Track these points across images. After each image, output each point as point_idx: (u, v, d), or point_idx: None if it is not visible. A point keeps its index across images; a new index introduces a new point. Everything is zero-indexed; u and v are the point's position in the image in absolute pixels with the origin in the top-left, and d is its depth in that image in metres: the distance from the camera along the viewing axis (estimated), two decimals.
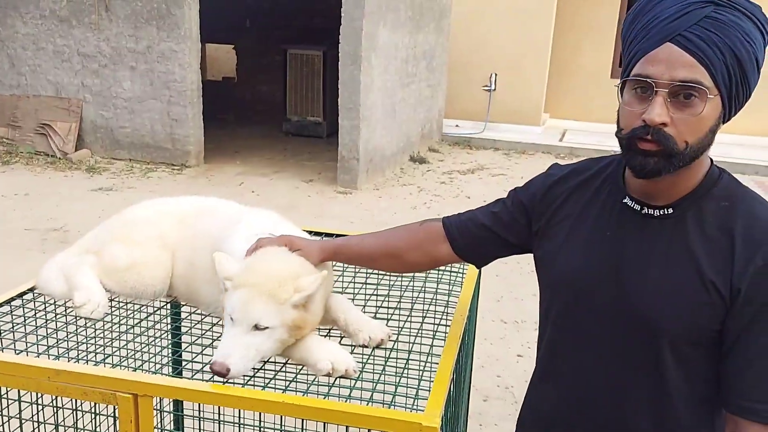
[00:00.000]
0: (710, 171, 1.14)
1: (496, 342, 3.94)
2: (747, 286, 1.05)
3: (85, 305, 1.46)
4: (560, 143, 10.35)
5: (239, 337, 1.24)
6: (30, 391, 1.46)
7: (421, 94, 9.47)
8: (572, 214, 1.24)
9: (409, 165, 8.91)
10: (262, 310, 1.24)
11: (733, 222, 1.08)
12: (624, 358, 1.16)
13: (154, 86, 7.86)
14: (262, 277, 1.27)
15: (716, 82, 1.02)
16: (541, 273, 1.31)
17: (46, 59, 8.15)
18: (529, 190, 1.34)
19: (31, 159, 7.88)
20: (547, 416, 1.30)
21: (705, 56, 1.01)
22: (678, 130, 1.04)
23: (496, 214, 1.35)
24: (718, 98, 1.04)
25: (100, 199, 6.52)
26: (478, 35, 11.17)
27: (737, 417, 1.10)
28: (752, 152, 10.00)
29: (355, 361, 1.30)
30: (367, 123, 7.46)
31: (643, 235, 1.14)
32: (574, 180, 1.27)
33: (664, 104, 1.04)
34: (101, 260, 1.59)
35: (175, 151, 7.95)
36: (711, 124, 1.05)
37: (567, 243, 1.23)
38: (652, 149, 1.05)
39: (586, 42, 11.63)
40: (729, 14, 1.01)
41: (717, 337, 1.10)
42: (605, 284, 1.16)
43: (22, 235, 5.41)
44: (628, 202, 1.17)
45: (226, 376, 1.20)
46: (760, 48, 1.04)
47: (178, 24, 7.61)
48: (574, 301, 1.20)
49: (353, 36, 7.09)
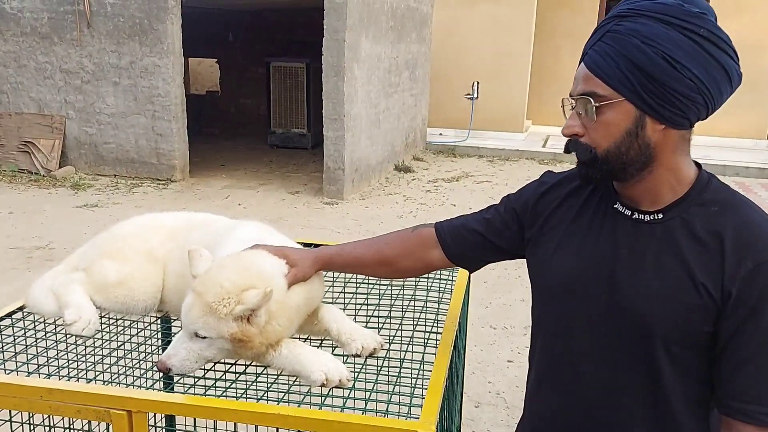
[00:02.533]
0: (699, 176, 1.16)
1: (486, 348, 3.96)
2: (738, 289, 1.07)
3: (76, 323, 1.45)
4: (543, 149, 10.44)
5: (183, 340, 1.29)
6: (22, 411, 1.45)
7: (405, 103, 9.52)
8: (565, 220, 1.26)
9: (395, 174, 8.94)
10: (201, 321, 1.26)
11: (723, 226, 1.11)
12: (619, 361, 1.17)
13: (138, 101, 7.84)
14: (208, 286, 1.26)
15: (615, 88, 1.08)
16: (536, 279, 1.31)
17: (28, 76, 8.10)
18: (521, 197, 1.36)
19: (15, 177, 7.81)
20: (548, 420, 1.31)
21: (598, 68, 1.10)
22: (591, 137, 1.13)
23: (489, 220, 1.38)
24: (625, 102, 1.09)
25: (85, 215, 6.48)
26: (460, 44, 11.27)
27: (730, 419, 1.11)
28: (732, 154, 10.16)
29: (349, 370, 1.31)
30: (352, 133, 7.49)
31: (635, 240, 1.16)
32: (567, 187, 1.29)
33: (575, 117, 1.15)
34: (90, 277, 1.58)
35: (160, 166, 7.92)
36: (624, 127, 1.10)
37: (561, 248, 1.24)
38: (578, 159, 1.17)
39: (566, 49, 11.77)
40: (629, 23, 1.08)
41: (709, 339, 1.12)
42: (599, 288, 1.18)
43: (6, 253, 5.36)
44: (619, 208, 1.20)
45: (169, 373, 1.30)
46: (676, 43, 1.05)
47: (161, 39, 7.60)
48: (570, 305, 1.22)
49: (336, 47, 7.12)
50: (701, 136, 11.01)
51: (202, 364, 1.31)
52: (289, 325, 1.36)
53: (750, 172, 9.49)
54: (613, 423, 1.20)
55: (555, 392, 1.28)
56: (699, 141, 11.09)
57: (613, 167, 1.13)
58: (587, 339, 1.20)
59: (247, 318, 1.25)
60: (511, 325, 4.24)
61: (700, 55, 1.06)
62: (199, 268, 1.32)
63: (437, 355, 1.38)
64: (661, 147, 1.11)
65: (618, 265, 1.16)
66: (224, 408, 1.15)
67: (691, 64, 1.05)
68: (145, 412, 1.16)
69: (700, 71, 1.06)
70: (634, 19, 1.08)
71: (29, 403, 1.20)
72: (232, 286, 1.26)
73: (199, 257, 1.33)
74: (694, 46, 1.05)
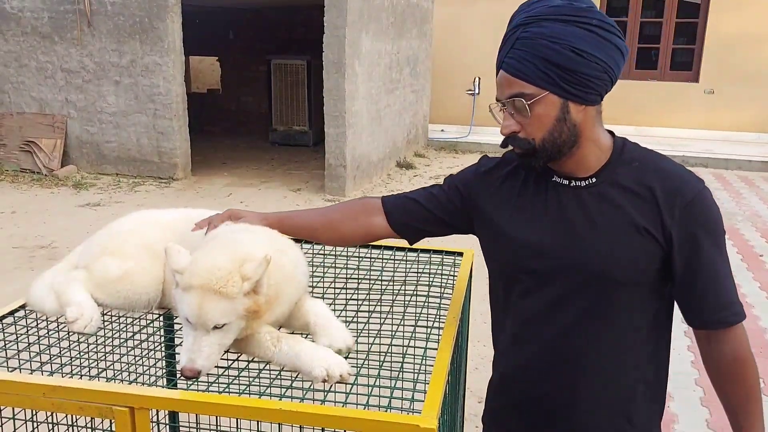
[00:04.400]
0: (615, 142, 1.36)
1: (489, 344, 3.94)
2: (677, 228, 1.28)
3: (78, 320, 1.44)
4: None
5: (201, 338, 1.26)
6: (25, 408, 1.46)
7: (406, 99, 9.51)
8: (510, 198, 1.41)
9: (396, 171, 8.94)
10: (217, 310, 1.25)
11: (649, 179, 1.31)
12: (581, 307, 1.34)
13: (139, 100, 7.84)
14: (208, 275, 1.26)
15: (538, 85, 1.25)
16: (495, 251, 1.45)
17: (29, 76, 8.11)
18: (463, 175, 1.51)
19: (17, 177, 7.83)
20: (513, 376, 1.47)
21: (519, 71, 1.26)
22: (527, 131, 1.29)
23: (432, 194, 1.51)
24: (550, 95, 1.25)
25: (87, 214, 6.48)
26: (461, 40, 11.25)
27: (710, 330, 1.32)
28: (735, 148, 10.13)
29: (350, 365, 1.31)
30: (353, 130, 7.49)
31: (578, 203, 1.34)
32: (504, 169, 1.45)
33: (509, 117, 1.31)
34: (91, 274, 1.58)
35: (162, 165, 7.93)
36: (553, 115, 1.27)
37: (514, 221, 1.39)
38: (518, 152, 1.33)
39: None
40: (534, 28, 1.25)
41: (657, 276, 1.32)
42: (557, 248, 1.34)
43: (9, 253, 5.37)
44: (557, 179, 1.37)
45: (199, 376, 1.26)
46: (577, 36, 1.23)
47: (161, 37, 7.60)
48: (537, 269, 1.36)
49: (336, 44, 7.12)
50: (704, 130, 10.99)
51: (222, 354, 1.31)
52: (281, 288, 1.37)
53: (753, 166, 9.46)
54: (580, 356, 1.37)
55: (528, 343, 1.42)
56: (702, 135, 11.09)
57: (550, 151, 1.30)
58: (556, 294, 1.36)
59: (253, 290, 1.28)
60: None
61: (597, 41, 1.25)
62: (179, 262, 1.30)
63: (439, 350, 1.38)
64: (584, 124, 1.30)
65: (569, 226, 1.33)
66: (227, 404, 1.15)
67: (593, 50, 1.24)
68: (148, 408, 1.16)
69: (601, 54, 1.25)
70: (536, 24, 1.26)
71: (32, 400, 1.20)
72: (229, 264, 1.27)
73: (177, 253, 1.32)
74: (591, 35, 1.24)
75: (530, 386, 1.45)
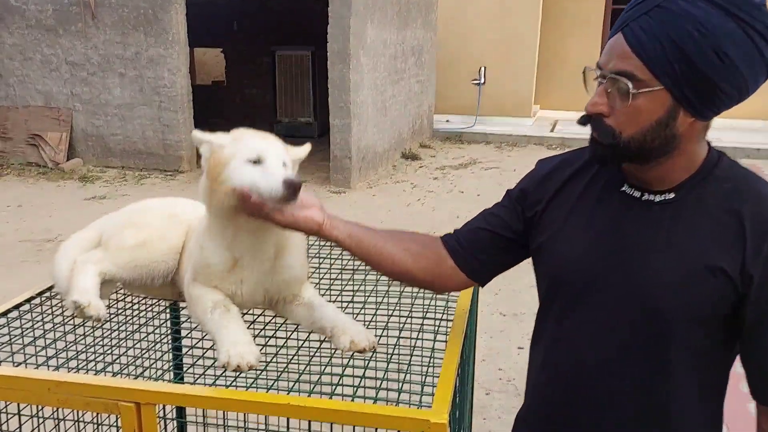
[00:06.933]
0: (709, 154, 1.11)
1: (496, 335, 3.94)
2: (762, 269, 1.02)
3: (79, 308, 1.41)
4: (551, 134, 10.37)
5: (281, 167, 1.21)
6: (30, 404, 1.45)
7: (411, 90, 9.46)
8: (568, 204, 1.20)
9: (402, 162, 8.90)
10: (286, 153, 1.27)
11: (740, 204, 1.05)
12: (628, 348, 1.12)
13: (144, 92, 7.83)
14: (267, 134, 1.30)
15: (655, 74, 0.99)
16: (541, 264, 1.25)
17: (34, 69, 8.10)
18: (520, 185, 1.31)
19: (23, 170, 7.84)
20: (549, 400, 1.26)
21: (641, 47, 0.99)
22: (617, 120, 1.04)
23: (491, 213, 1.31)
24: (663, 92, 1.00)
25: (93, 207, 6.49)
26: (466, 29, 11.18)
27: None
28: (744, 136, 10.04)
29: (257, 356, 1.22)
30: (359, 121, 7.45)
31: (645, 222, 1.10)
32: (566, 170, 1.23)
33: (603, 94, 1.05)
34: (108, 249, 1.54)
35: (167, 157, 7.92)
36: (656, 117, 1.02)
37: (566, 233, 1.18)
38: (595, 138, 1.09)
39: (573, 32, 11.66)
40: (685, 3, 0.97)
41: (723, 323, 1.07)
42: (609, 272, 1.12)
43: (16, 247, 5.38)
44: (627, 190, 1.14)
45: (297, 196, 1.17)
46: (729, 36, 0.96)
47: (166, 29, 7.57)
48: (579, 290, 1.16)
49: (341, 35, 7.07)
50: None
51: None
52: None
53: (761, 154, 9.39)
54: (611, 400, 1.15)
55: (559, 376, 1.22)
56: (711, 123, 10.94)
57: (633, 154, 1.06)
58: (596, 325, 1.14)
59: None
60: (521, 312, 4.22)
61: (750, 51, 0.98)
62: (214, 135, 1.29)
63: (448, 343, 1.36)
64: (686, 137, 1.05)
65: (628, 248, 1.11)
66: (234, 399, 1.14)
67: (739, 61, 0.98)
68: (154, 403, 1.15)
69: (745, 69, 0.99)
70: (691, 1, 0.97)
71: (37, 396, 1.19)
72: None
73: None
74: (747, 41, 0.97)
75: (553, 427, 1.25)
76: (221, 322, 1.28)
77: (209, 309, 1.31)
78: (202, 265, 1.36)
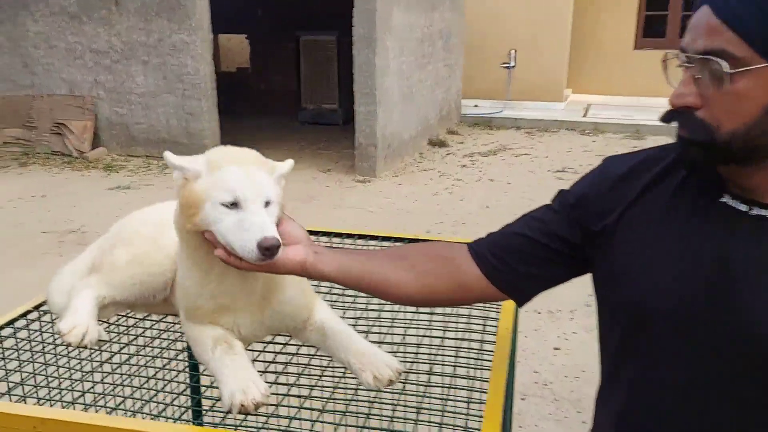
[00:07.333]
0: None
1: (531, 334, 3.75)
2: None
3: (72, 331, 1.28)
4: (584, 119, 10.04)
5: (262, 213, 1.06)
6: None
7: (439, 74, 9.22)
8: (649, 219, 0.96)
9: (429, 149, 8.69)
10: (269, 184, 1.10)
11: None
12: (743, 399, 0.90)
13: (168, 80, 7.73)
14: (247, 155, 1.15)
15: (756, 50, 0.79)
16: (614, 292, 1.00)
17: (59, 57, 8.05)
18: (580, 189, 1.06)
19: (48, 159, 7.81)
20: None
21: (735, 17, 0.79)
22: (712, 112, 0.84)
23: (535, 217, 1.07)
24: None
25: (117, 198, 6.42)
26: (495, 11, 10.85)
27: None
28: None
29: (269, 393, 1.09)
30: (384, 108, 7.25)
31: (755, 241, 0.87)
32: (646, 175, 0.99)
33: (690, 82, 0.85)
34: (102, 270, 1.44)
35: (191, 146, 7.81)
36: (763, 103, 0.81)
37: (653, 255, 0.95)
38: (684, 136, 0.88)
39: (607, 13, 11.24)
40: None
41: None
42: (711, 308, 0.89)
43: (39, 237, 5.33)
44: (729, 201, 0.90)
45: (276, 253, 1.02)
46: None
47: (189, 15, 7.44)
48: (674, 326, 0.93)
49: (367, 18, 6.86)
50: None
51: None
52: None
53: None
54: None
55: (648, 424, 0.98)
56: None
57: (737, 153, 0.84)
58: (694, 373, 0.92)
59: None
60: (557, 309, 4.02)
61: None
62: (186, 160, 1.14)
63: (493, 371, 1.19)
64: None
65: (734, 277, 0.88)
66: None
67: None
68: None
69: None
70: None
71: None
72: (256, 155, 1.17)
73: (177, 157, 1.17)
74: None
75: None
76: (224, 361, 1.14)
77: (209, 348, 1.17)
78: (191, 308, 1.24)
